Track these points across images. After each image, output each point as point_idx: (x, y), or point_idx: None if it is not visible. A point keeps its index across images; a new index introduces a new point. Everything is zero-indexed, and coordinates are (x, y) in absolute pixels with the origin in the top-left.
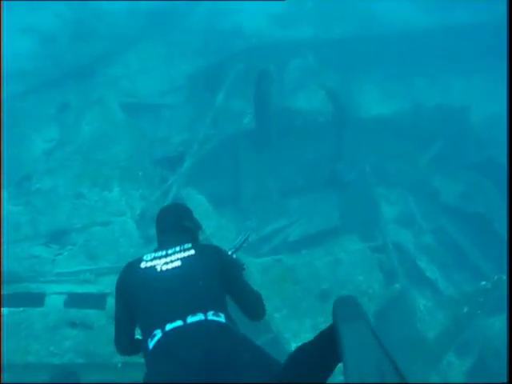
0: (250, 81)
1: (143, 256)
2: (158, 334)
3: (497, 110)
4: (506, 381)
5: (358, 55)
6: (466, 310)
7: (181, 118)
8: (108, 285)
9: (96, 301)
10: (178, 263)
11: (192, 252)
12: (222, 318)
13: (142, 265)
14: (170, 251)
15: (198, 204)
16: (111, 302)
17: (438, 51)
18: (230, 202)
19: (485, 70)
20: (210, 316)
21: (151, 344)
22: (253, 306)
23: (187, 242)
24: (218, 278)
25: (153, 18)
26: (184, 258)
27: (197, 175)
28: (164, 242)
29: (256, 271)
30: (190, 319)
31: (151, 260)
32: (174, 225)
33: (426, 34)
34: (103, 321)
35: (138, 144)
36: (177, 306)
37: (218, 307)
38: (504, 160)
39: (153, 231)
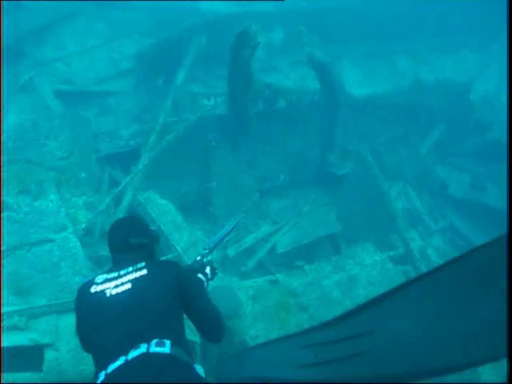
0: (214, 56)
1: (95, 278)
2: (102, 376)
3: (491, 88)
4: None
5: (331, 31)
6: None
7: (130, 107)
8: (46, 332)
9: (28, 357)
10: (129, 286)
11: (144, 272)
12: (166, 348)
13: (93, 289)
14: (122, 272)
15: (164, 212)
16: (51, 356)
17: (420, 26)
18: (200, 205)
19: (472, 46)
20: (153, 347)
21: None
22: (208, 327)
23: (141, 260)
24: (170, 297)
25: None
26: (135, 279)
27: (157, 174)
28: (117, 261)
29: (246, 298)
30: (132, 354)
31: (102, 283)
32: (122, 244)
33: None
34: None
35: (78, 139)
36: (121, 339)
37: (165, 333)
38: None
39: (104, 250)
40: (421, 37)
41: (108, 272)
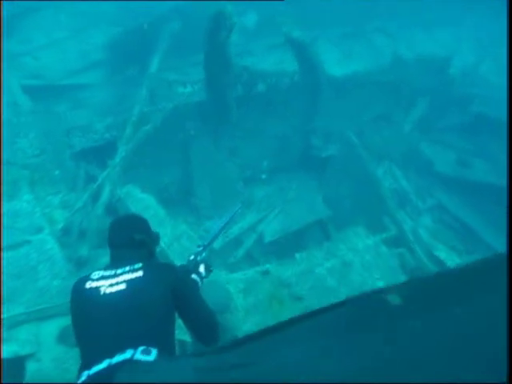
0: (187, 43)
1: (92, 273)
2: (83, 376)
3: (468, 62)
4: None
5: (307, 12)
6: None
7: (103, 99)
8: (26, 342)
9: (9, 371)
10: (123, 286)
11: (140, 274)
12: (151, 357)
13: (88, 284)
14: (119, 270)
15: (145, 206)
16: (33, 368)
17: (393, 4)
18: (183, 197)
19: (447, 20)
20: (138, 354)
21: None
22: (202, 328)
23: (139, 261)
24: (164, 302)
25: None
26: (131, 280)
27: (135, 167)
28: (115, 259)
29: (237, 291)
30: (117, 359)
31: (98, 279)
32: (124, 240)
33: None
34: None
35: (50, 135)
36: (110, 341)
37: (153, 340)
38: (496, 114)
39: (84, 249)
40: (395, 14)
41: (105, 269)
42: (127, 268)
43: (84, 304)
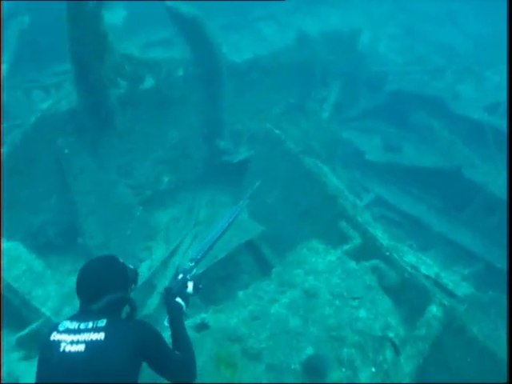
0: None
1: (60, 323)
2: None
3: (365, 41)
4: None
5: None
6: None
7: None
8: None
9: None
10: (82, 348)
11: (101, 336)
12: None
13: (52, 336)
14: (82, 325)
15: (12, 259)
16: None
17: None
18: (66, 238)
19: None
20: None
21: None
22: (177, 378)
23: (105, 315)
24: (121, 370)
25: None
26: (91, 342)
27: None
28: (81, 310)
29: None
30: None
31: (62, 332)
32: (86, 298)
33: None
34: None
35: None
36: None
37: None
38: (411, 89)
39: None
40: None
41: (71, 319)
42: (90, 325)
43: (44, 358)
